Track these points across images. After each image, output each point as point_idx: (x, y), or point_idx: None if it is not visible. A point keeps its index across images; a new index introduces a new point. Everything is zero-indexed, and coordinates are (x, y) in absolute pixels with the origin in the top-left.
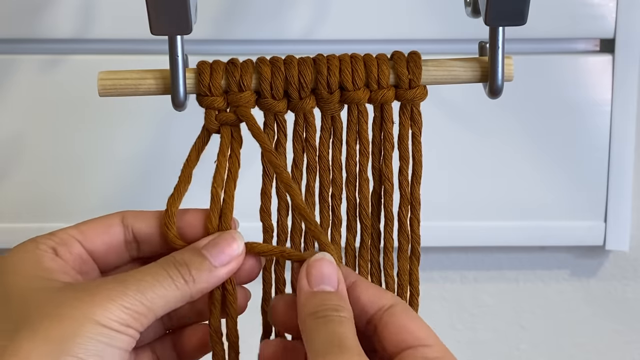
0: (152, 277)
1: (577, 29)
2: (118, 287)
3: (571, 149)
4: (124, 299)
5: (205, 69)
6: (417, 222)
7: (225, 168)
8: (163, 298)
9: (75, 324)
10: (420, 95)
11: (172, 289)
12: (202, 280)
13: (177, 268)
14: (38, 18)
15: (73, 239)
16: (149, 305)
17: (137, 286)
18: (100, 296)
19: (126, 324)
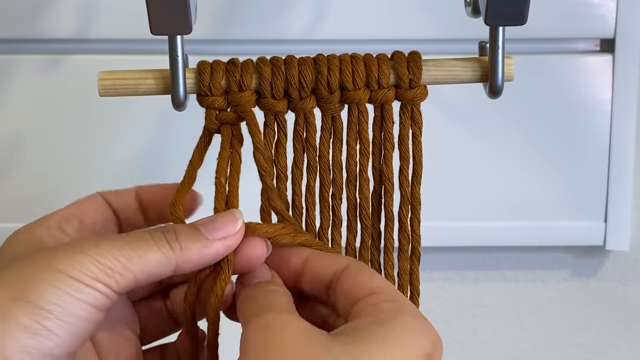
0: (133, 237)
1: (577, 29)
2: (93, 241)
3: (571, 149)
4: (95, 252)
5: (205, 69)
6: (417, 222)
7: (227, 161)
8: (142, 259)
9: (36, 271)
10: (421, 95)
11: (153, 251)
12: (193, 251)
13: (163, 233)
14: (38, 18)
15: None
16: (124, 262)
17: (114, 242)
18: (71, 248)
19: (95, 277)
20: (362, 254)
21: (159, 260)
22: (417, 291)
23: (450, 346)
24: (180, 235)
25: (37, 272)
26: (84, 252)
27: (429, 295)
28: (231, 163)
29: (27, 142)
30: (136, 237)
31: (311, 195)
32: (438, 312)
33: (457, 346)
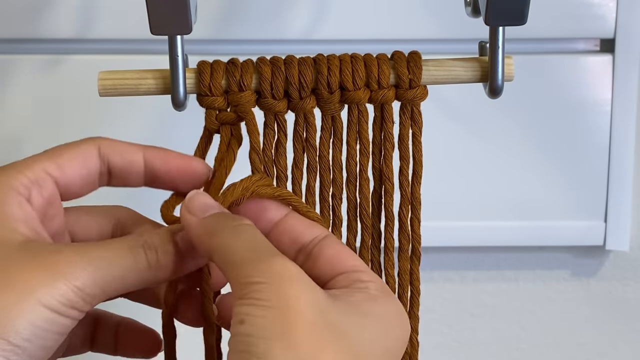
0: (114, 256)
1: (577, 29)
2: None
3: (571, 149)
4: (77, 279)
5: (205, 69)
6: (417, 221)
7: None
8: (121, 281)
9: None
10: (421, 95)
11: (133, 274)
12: (168, 269)
13: (144, 251)
14: (38, 18)
15: (49, 177)
16: (104, 287)
17: (94, 263)
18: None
19: (72, 305)
20: (362, 253)
21: (136, 283)
22: (417, 291)
23: (450, 346)
24: (160, 254)
25: (18, 302)
26: (66, 279)
27: (429, 295)
28: (222, 159)
29: (27, 142)
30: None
31: (311, 195)
32: (438, 312)
33: (457, 346)
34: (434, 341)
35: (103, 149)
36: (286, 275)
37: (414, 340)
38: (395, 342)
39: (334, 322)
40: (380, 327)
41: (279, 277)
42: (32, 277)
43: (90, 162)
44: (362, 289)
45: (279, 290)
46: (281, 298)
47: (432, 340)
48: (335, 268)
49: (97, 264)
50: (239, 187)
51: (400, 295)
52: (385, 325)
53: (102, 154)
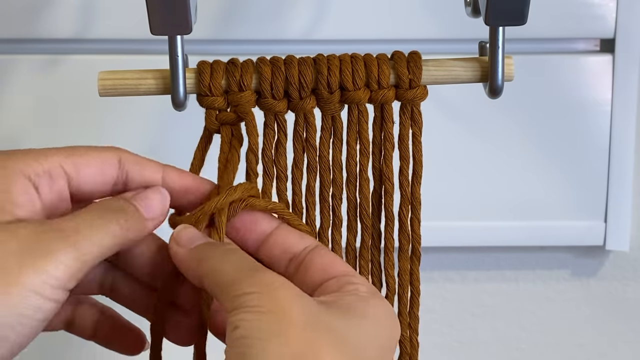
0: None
1: (577, 29)
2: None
3: (571, 149)
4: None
5: (205, 69)
6: (417, 222)
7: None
8: (99, 247)
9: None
10: (421, 95)
11: (108, 237)
12: (134, 230)
13: (114, 215)
14: (38, 18)
15: (63, 174)
16: (88, 260)
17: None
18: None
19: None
20: (362, 254)
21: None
22: (417, 291)
23: (450, 346)
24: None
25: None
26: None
27: (429, 295)
28: (228, 160)
29: (27, 142)
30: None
31: (311, 196)
32: (438, 312)
33: (457, 346)
34: (434, 341)
35: (124, 161)
36: (277, 284)
37: (414, 340)
38: (389, 340)
39: (327, 325)
40: (373, 326)
41: (270, 286)
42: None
43: (108, 170)
44: (352, 291)
45: (272, 297)
46: (275, 303)
47: (432, 340)
48: (326, 274)
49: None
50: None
51: (400, 295)
52: (378, 325)
53: (122, 165)
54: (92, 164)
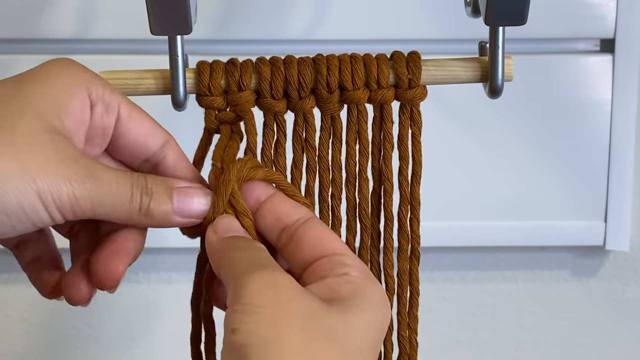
0: (118, 186)
1: (577, 29)
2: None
3: (571, 149)
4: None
5: (205, 69)
6: (416, 222)
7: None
8: (111, 209)
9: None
10: (420, 95)
11: (124, 208)
12: (155, 219)
13: (141, 193)
14: (38, 18)
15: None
16: (93, 206)
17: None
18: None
19: (59, 208)
20: (361, 254)
21: (123, 217)
22: (416, 291)
23: (450, 346)
24: (153, 201)
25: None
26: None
27: (429, 295)
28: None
29: None
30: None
31: (310, 196)
32: (438, 312)
33: (457, 346)
34: (434, 341)
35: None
36: (279, 283)
37: (413, 341)
38: (378, 332)
39: (325, 325)
40: (367, 318)
41: (272, 285)
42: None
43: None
44: (345, 278)
45: (272, 296)
46: (273, 304)
47: (432, 340)
48: (317, 251)
49: (100, 186)
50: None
51: (400, 295)
52: (370, 316)
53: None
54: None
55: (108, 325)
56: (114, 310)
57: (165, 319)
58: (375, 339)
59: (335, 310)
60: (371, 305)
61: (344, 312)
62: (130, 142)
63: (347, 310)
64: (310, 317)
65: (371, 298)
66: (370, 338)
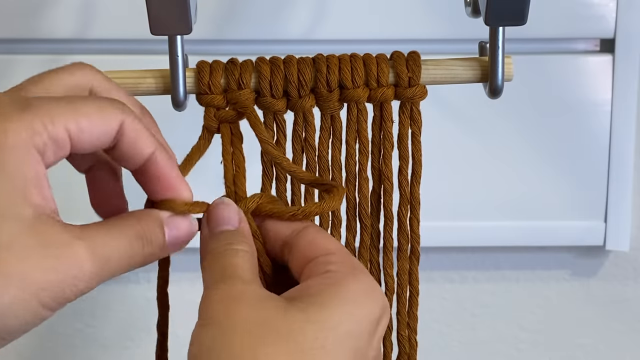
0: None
1: (577, 29)
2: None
3: (571, 149)
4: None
5: (204, 68)
6: (416, 221)
7: (232, 165)
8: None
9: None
10: (420, 94)
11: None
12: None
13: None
14: (38, 18)
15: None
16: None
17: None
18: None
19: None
20: (361, 253)
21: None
22: (416, 291)
23: (450, 346)
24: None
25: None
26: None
27: (429, 295)
28: (237, 165)
29: None
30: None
31: (310, 196)
32: (438, 312)
33: (457, 346)
34: (434, 341)
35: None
36: (231, 294)
37: (413, 340)
38: (357, 324)
39: (279, 327)
40: (337, 313)
41: (226, 297)
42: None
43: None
44: (324, 273)
45: (224, 310)
46: (224, 317)
47: (432, 340)
48: (307, 256)
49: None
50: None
51: (399, 295)
52: (346, 309)
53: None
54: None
55: (108, 325)
56: (114, 310)
57: None
58: (348, 332)
59: (295, 310)
60: (345, 299)
61: (306, 310)
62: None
63: (311, 307)
64: (261, 322)
65: (347, 292)
66: (341, 332)
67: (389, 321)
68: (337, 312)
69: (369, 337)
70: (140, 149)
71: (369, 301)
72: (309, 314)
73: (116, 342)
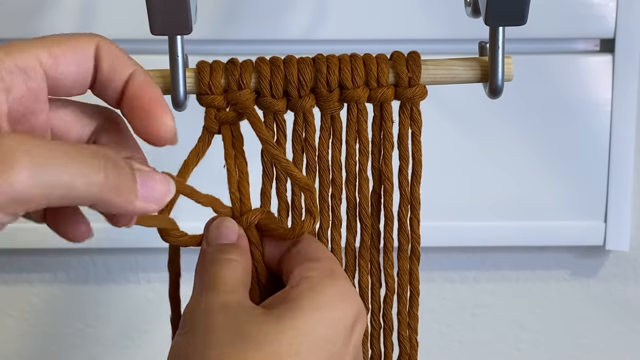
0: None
1: (577, 29)
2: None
3: (571, 149)
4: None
5: (205, 68)
6: (417, 221)
7: (235, 170)
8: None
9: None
10: (420, 94)
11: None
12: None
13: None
14: (38, 18)
15: (39, 67)
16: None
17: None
18: None
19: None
20: (361, 253)
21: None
22: (417, 291)
23: (450, 346)
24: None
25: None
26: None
27: (429, 295)
28: (240, 170)
29: None
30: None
31: None
32: (438, 312)
33: (457, 346)
34: (434, 341)
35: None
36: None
37: (414, 340)
38: (332, 329)
39: (252, 335)
40: (314, 316)
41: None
42: None
43: (86, 62)
44: (305, 279)
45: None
46: (199, 326)
47: (432, 340)
48: (293, 265)
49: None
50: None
51: (400, 295)
52: (319, 314)
53: (97, 55)
54: (71, 53)
55: (108, 325)
56: (114, 310)
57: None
58: (322, 338)
59: (271, 317)
60: (319, 301)
61: (281, 317)
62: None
63: (286, 312)
64: (237, 331)
65: (322, 295)
66: (316, 338)
67: (390, 321)
68: (311, 316)
69: (344, 342)
70: (120, 71)
71: (343, 305)
72: (284, 321)
73: (116, 342)
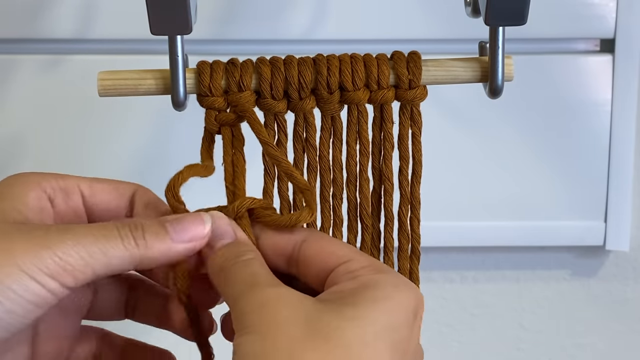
0: (100, 232)
1: (577, 29)
2: (58, 235)
3: (571, 149)
4: (59, 247)
5: (205, 69)
6: (417, 221)
7: (231, 167)
8: (106, 255)
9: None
10: (420, 96)
11: (118, 248)
12: (157, 250)
13: (130, 229)
14: (38, 18)
15: (78, 191)
16: (86, 258)
17: (79, 237)
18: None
19: (51, 274)
20: None
21: (122, 257)
22: None
23: (450, 346)
24: (146, 232)
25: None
26: (48, 248)
27: (429, 295)
28: (235, 165)
29: (27, 142)
30: (103, 230)
31: None
32: (438, 312)
33: (457, 346)
34: (434, 341)
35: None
36: (269, 299)
37: None
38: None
39: (320, 325)
40: (375, 309)
41: (260, 304)
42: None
43: (121, 200)
44: (352, 279)
45: (260, 316)
46: (262, 323)
47: (432, 340)
48: (323, 268)
49: (81, 237)
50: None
51: None
52: (380, 306)
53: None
54: (108, 190)
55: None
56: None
57: None
58: (387, 326)
59: (330, 309)
60: (378, 297)
61: (341, 310)
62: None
63: (344, 307)
64: (301, 322)
65: (379, 290)
66: (380, 327)
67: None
68: (372, 309)
69: (408, 328)
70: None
71: (402, 294)
72: (345, 313)
73: None
